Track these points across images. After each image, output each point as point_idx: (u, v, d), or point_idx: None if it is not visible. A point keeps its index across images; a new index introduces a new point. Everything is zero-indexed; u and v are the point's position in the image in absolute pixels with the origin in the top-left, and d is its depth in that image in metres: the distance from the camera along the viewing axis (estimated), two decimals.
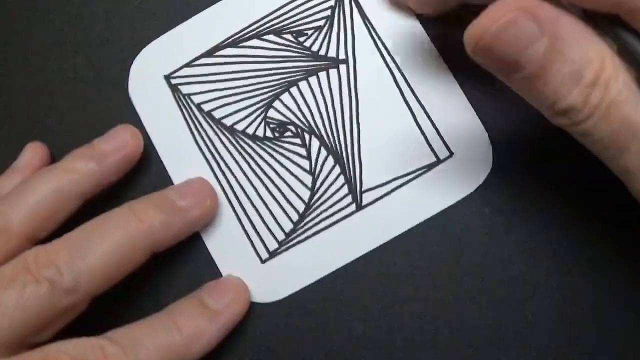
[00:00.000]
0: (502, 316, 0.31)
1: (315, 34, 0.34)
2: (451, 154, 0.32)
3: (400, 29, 0.33)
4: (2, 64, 0.35)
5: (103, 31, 0.34)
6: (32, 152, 0.33)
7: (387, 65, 0.33)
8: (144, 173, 0.33)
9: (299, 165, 0.33)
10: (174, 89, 0.33)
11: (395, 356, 0.31)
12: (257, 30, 0.34)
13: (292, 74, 0.33)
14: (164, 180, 0.33)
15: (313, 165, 0.33)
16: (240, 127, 0.33)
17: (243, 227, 0.32)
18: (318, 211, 0.32)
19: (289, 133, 0.33)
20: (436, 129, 0.32)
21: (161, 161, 0.33)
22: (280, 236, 0.32)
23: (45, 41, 0.35)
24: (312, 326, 0.31)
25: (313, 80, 0.33)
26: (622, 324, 0.31)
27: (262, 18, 0.34)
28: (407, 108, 0.32)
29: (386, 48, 0.33)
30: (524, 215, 0.32)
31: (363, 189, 0.32)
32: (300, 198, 0.32)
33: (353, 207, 0.32)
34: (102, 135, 0.32)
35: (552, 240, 0.31)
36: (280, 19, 0.33)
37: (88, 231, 0.29)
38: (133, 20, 0.34)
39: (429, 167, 0.32)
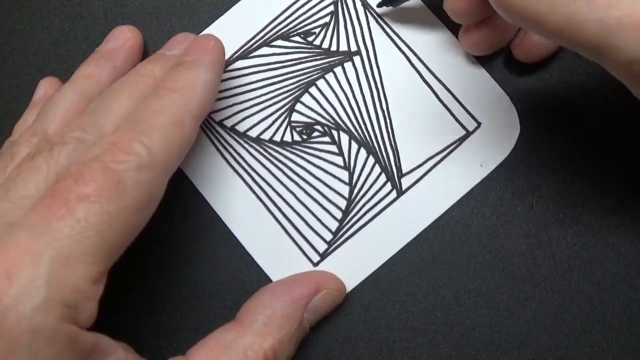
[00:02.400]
0: (502, 316, 0.31)
1: (323, 31, 0.33)
2: (479, 124, 0.32)
3: (405, 11, 0.33)
4: (2, 63, 0.35)
5: (103, 31, 0.34)
6: (48, 85, 0.33)
7: (400, 49, 0.33)
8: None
9: (332, 163, 0.32)
10: None
11: (395, 356, 0.31)
12: (264, 38, 0.33)
13: (308, 75, 0.33)
14: (199, 203, 0.32)
15: (347, 160, 0.32)
16: (266, 136, 0.33)
17: (289, 234, 0.32)
18: (360, 204, 0.32)
19: (316, 133, 0.32)
20: (460, 102, 0.32)
21: (193, 185, 0.32)
22: (328, 236, 0.32)
23: (45, 41, 0.35)
24: (311, 326, 0.31)
25: (330, 76, 0.33)
26: (622, 324, 0.31)
27: (268, 25, 0.33)
28: (427, 87, 0.32)
29: (395, 32, 0.33)
30: (523, 215, 0.32)
31: (401, 174, 0.32)
32: (341, 195, 0.32)
33: (394, 194, 0.32)
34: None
35: (551, 240, 0.31)
36: (286, 22, 0.33)
37: (142, 111, 0.27)
38: (133, 21, 0.34)
39: (460, 140, 0.32)
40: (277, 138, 0.33)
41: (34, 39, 0.34)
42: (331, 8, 0.33)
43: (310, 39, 0.33)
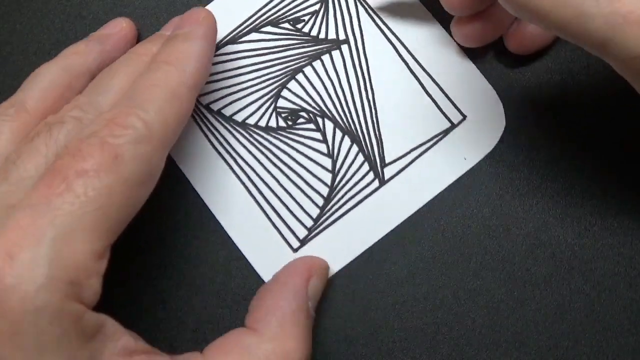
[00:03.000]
0: (502, 316, 0.31)
1: (313, 18, 0.33)
2: (464, 117, 0.32)
3: (395, 2, 0.33)
4: (2, 63, 0.35)
5: None
6: None
7: (388, 39, 0.32)
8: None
9: (316, 150, 0.32)
10: None
11: (395, 356, 0.31)
12: (254, 23, 0.33)
13: (296, 61, 0.33)
14: (183, 185, 0.32)
15: (330, 148, 0.32)
16: (252, 121, 0.32)
17: (270, 219, 0.32)
18: (342, 192, 0.32)
19: (301, 120, 0.32)
20: (446, 94, 0.32)
21: (177, 167, 0.32)
22: (309, 223, 0.32)
23: (45, 41, 0.35)
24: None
25: (317, 64, 0.33)
26: (622, 324, 0.30)
27: (258, 11, 0.33)
28: (414, 78, 0.32)
29: (384, 22, 0.33)
30: (523, 215, 0.31)
31: (383, 164, 0.32)
32: (323, 182, 0.32)
33: (376, 183, 0.32)
34: None
35: (551, 240, 0.31)
36: (276, 9, 0.33)
37: (137, 86, 0.27)
38: (133, 20, 0.34)
39: (445, 132, 0.32)
40: (263, 123, 0.32)
41: (34, 39, 0.34)
42: None
43: (299, 26, 0.33)
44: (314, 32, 0.33)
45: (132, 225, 0.32)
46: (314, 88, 0.33)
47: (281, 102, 0.33)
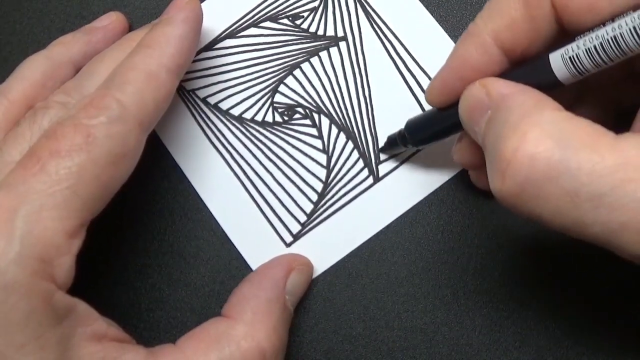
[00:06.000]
0: (502, 316, 0.31)
1: (312, 15, 0.33)
2: None
3: (395, 1, 0.33)
4: (2, 64, 0.34)
5: None
6: None
7: (386, 37, 0.32)
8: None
9: (312, 146, 0.32)
10: (178, 86, 0.33)
11: (395, 356, 0.31)
12: (253, 18, 0.33)
13: (294, 57, 0.33)
14: (178, 178, 0.32)
15: (326, 144, 0.32)
16: (248, 115, 0.32)
17: (264, 213, 0.32)
18: (337, 188, 0.32)
19: (298, 115, 0.32)
20: None
21: (173, 159, 0.32)
22: (302, 218, 0.32)
23: (45, 41, 0.34)
24: (311, 325, 0.31)
25: (315, 60, 0.33)
26: (622, 325, 0.30)
27: (257, 6, 0.33)
28: (411, 76, 0.32)
29: (382, 20, 0.32)
30: None
31: (378, 161, 0.32)
32: (318, 177, 0.32)
33: (370, 180, 0.32)
34: None
35: (552, 240, 0.31)
36: (275, 4, 0.33)
37: (117, 69, 0.27)
38: (132, 20, 0.34)
39: None
40: (259, 118, 0.32)
41: (34, 39, 0.34)
42: None
43: (298, 22, 0.33)
44: (312, 29, 0.33)
45: (129, 223, 0.31)
46: (311, 84, 0.33)
47: (278, 97, 0.32)
